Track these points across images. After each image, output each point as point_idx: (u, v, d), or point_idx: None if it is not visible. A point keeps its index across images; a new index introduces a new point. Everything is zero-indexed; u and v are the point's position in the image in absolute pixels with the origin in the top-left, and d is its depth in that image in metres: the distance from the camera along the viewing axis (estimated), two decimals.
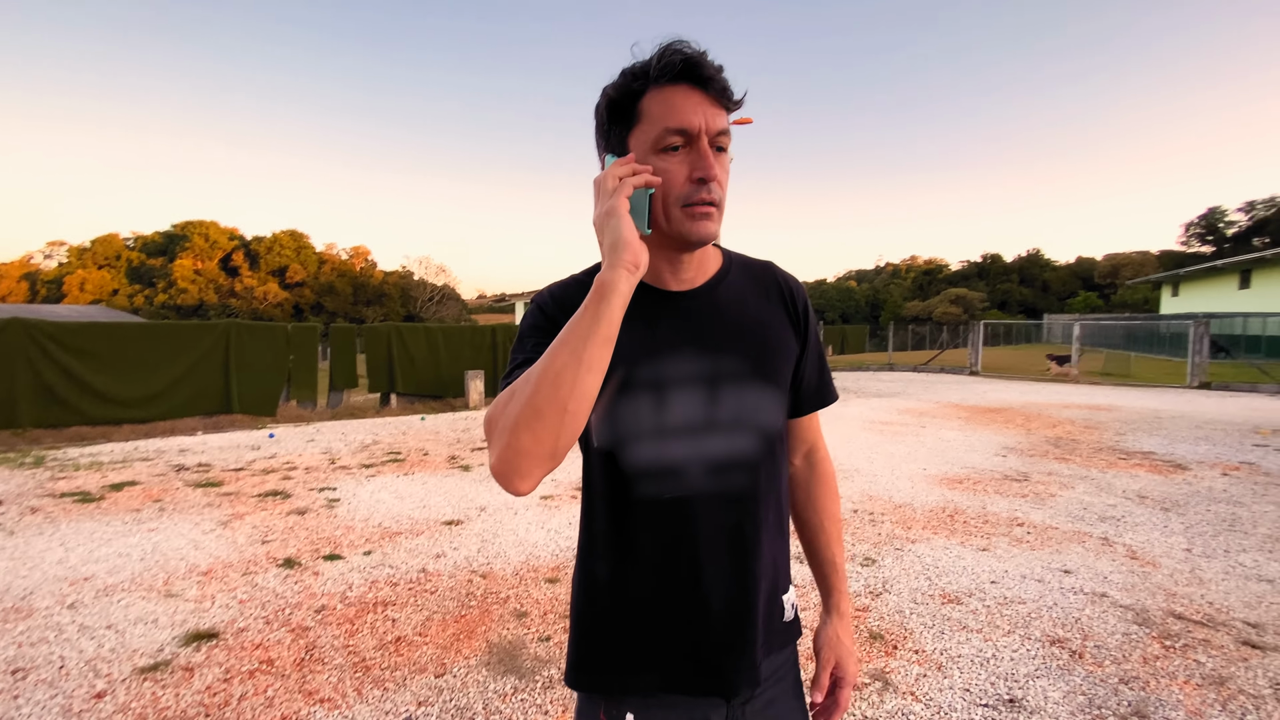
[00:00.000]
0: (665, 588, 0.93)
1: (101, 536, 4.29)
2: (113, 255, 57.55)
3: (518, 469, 0.75)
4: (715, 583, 0.93)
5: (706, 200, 0.84)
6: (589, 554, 0.99)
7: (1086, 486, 5.69)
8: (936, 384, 16.16)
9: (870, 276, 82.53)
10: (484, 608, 3.27)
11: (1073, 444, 7.79)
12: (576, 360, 0.75)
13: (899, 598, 3.38)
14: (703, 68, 0.82)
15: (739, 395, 0.93)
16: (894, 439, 8.18)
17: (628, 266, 0.79)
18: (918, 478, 6.05)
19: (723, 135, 0.86)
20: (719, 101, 0.84)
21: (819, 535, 1.11)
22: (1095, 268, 64.25)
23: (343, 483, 5.88)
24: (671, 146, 0.84)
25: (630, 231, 0.80)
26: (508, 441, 0.75)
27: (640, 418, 0.90)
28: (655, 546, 0.93)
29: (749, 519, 0.94)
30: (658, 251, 0.92)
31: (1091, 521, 4.67)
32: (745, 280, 1.00)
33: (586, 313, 0.77)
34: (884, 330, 28.72)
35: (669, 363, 0.92)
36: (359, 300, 57.42)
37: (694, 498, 0.91)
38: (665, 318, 0.93)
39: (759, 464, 0.95)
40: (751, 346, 0.95)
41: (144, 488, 5.66)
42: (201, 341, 10.10)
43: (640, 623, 0.94)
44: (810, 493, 1.12)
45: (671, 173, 0.84)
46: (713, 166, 0.84)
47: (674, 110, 0.83)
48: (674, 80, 0.83)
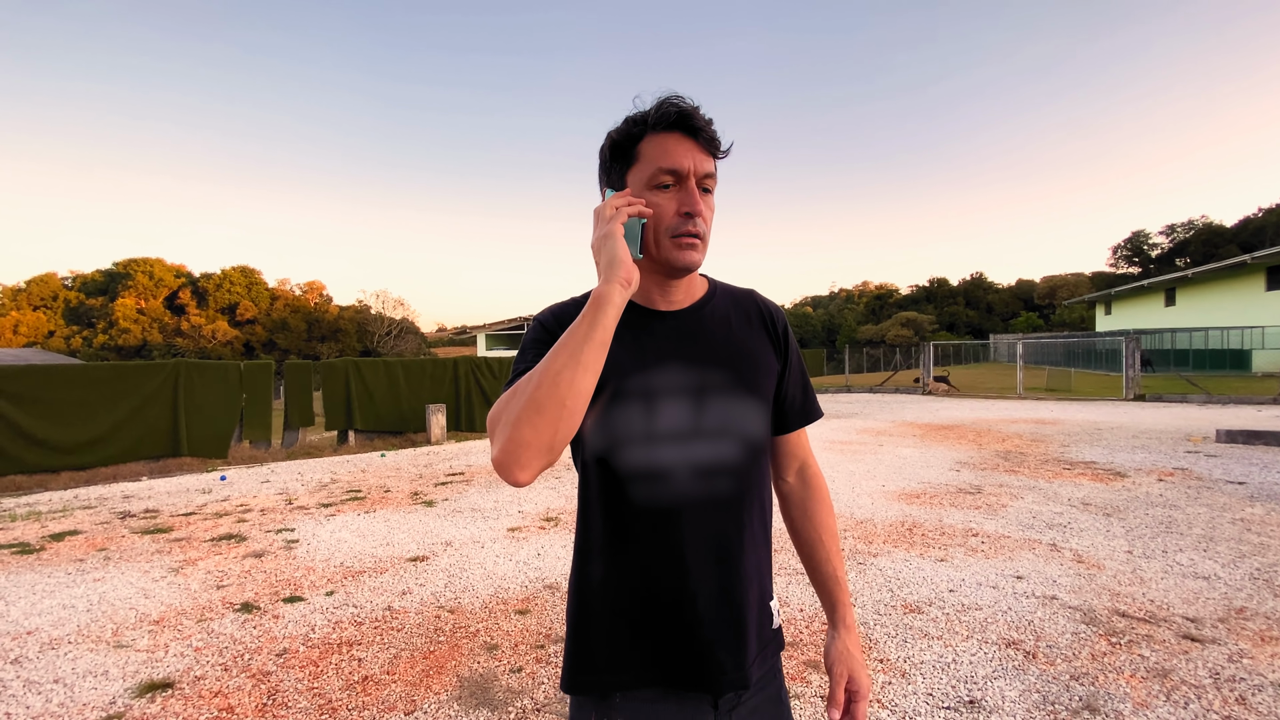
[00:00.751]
0: (656, 587, 0.98)
1: (44, 588, 4.07)
2: (49, 295, 54.94)
3: (518, 459, 0.82)
4: (702, 583, 0.99)
5: (692, 232, 0.96)
6: (584, 558, 1.04)
7: (1035, 496, 5.95)
8: (892, 404, 16.64)
9: (825, 302, 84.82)
10: (453, 642, 3.22)
11: (1021, 457, 8.14)
12: (575, 361, 0.84)
13: (862, 610, 3.47)
14: (694, 119, 0.95)
15: (723, 405, 1.01)
16: (854, 458, 8.40)
17: (621, 282, 0.90)
18: (877, 494, 6.22)
19: (709, 178, 0.98)
20: (707, 149, 0.97)
21: (818, 549, 1.14)
22: (1034, 289, 67.56)
23: (301, 523, 5.71)
24: (663, 184, 0.96)
25: (624, 252, 0.92)
26: (510, 434, 0.83)
27: (632, 424, 0.98)
28: (646, 548, 0.99)
29: (734, 523, 1.01)
30: (649, 277, 1.03)
31: (1040, 529, 4.89)
32: (729, 304, 1.10)
33: (584, 320, 0.87)
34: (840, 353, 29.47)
35: (658, 374, 1.00)
36: (313, 336, 55.93)
37: (682, 501, 0.98)
38: (655, 334, 1.03)
39: (743, 470, 1.02)
40: (734, 361, 1.04)
41: (87, 536, 5.39)
42: (148, 383, 9.72)
43: (632, 622, 0.99)
44: (806, 508, 1.17)
45: (662, 207, 0.97)
46: (698, 203, 0.96)
47: (667, 153, 0.96)
48: (669, 128, 0.96)
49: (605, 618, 1.01)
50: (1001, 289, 71.60)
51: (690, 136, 0.96)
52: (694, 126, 0.96)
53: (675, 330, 1.04)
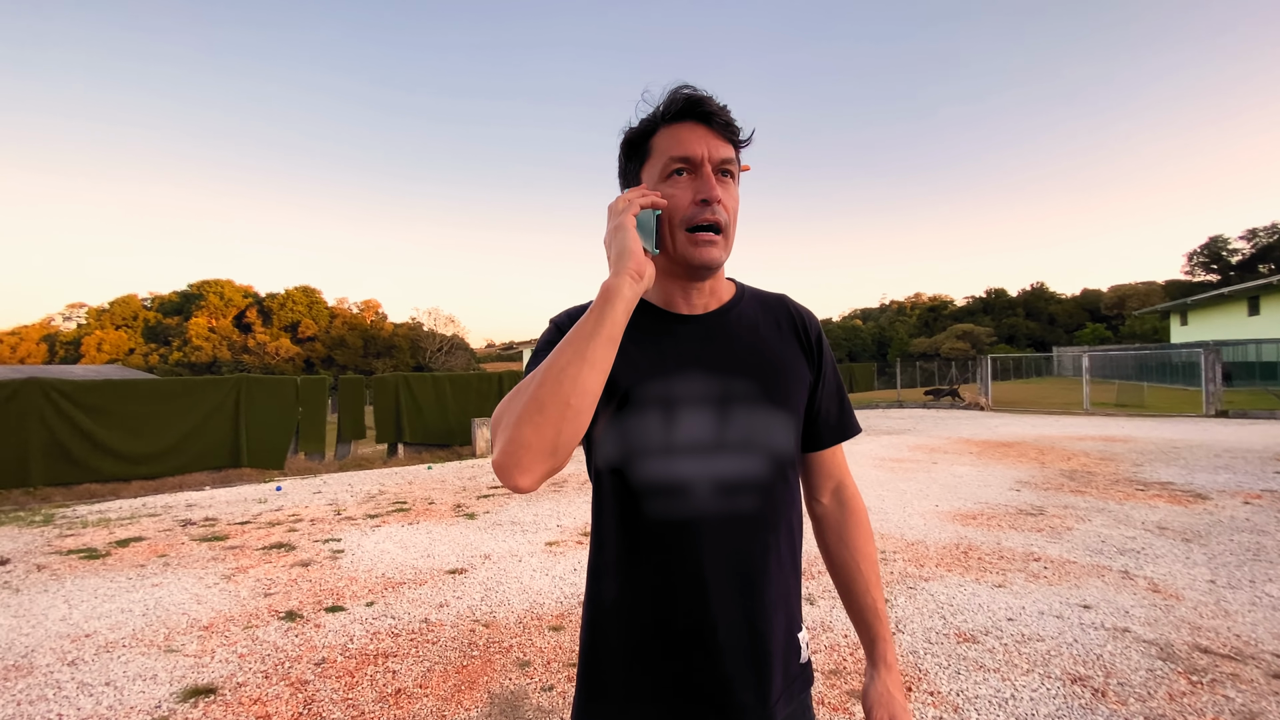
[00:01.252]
0: (672, 612, 0.91)
1: (105, 593, 4.26)
2: (130, 315, 58.81)
3: (519, 462, 0.77)
4: (723, 609, 0.91)
5: (709, 221, 0.90)
6: (597, 578, 0.97)
7: (1104, 519, 5.56)
8: (947, 419, 15.99)
9: (875, 315, 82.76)
10: (486, 658, 3.20)
11: (1088, 476, 7.65)
12: (580, 357, 0.79)
13: (912, 637, 3.28)
14: (705, 105, 0.90)
15: (749, 417, 0.94)
16: (905, 476, 8.06)
17: (631, 274, 0.85)
18: (930, 514, 5.94)
19: (728, 163, 0.92)
20: (722, 135, 0.92)
21: (856, 578, 1.05)
22: (1101, 299, 64.24)
23: (347, 534, 5.84)
24: (677, 171, 0.91)
25: (635, 243, 0.87)
26: (511, 435, 0.78)
27: (649, 434, 0.91)
28: (662, 568, 0.91)
29: (758, 545, 0.93)
30: (669, 278, 0.98)
31: (1110, 554, 4.55)
32: (757, 309, 1.03)
33: (591, 314, 0.82)
34: (892, 367, 28.59)
35: (678, 381, 0.93)
36: (369, 353, 58.05)
37: (701, 518, 0.91)
38: (676, 339, 0.97)
39: (769, 487, 0.94)
40: (762, 370, 0.96)
41: (150, 543, 5.64)
42: (212, 396, 10.21)
43: (648, 649, 0.92)
44: (842, 533, 1.07)
45: (677, 196, 0.91)
46: (714, 188, 0.89)
47: (679, 142, 0.91)
48: (680, 118, 0.91)
49: (619, 643, 0.94)
50: (1065, 299, 68.41)
51: (703, 123, 0.91)
52: (706, 112, 0.91)
53: (698, 335, 0.97)
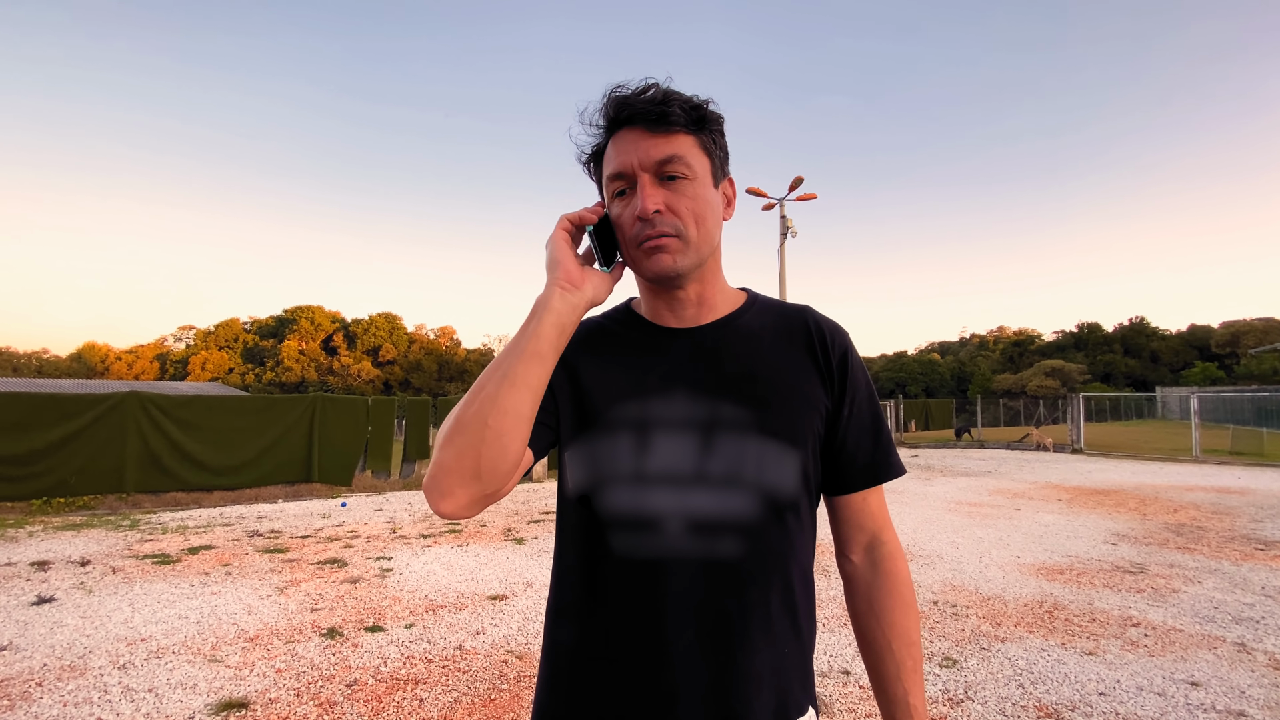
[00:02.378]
0: (631, 669, 0.77)
1: (168, 598, 4.44)
2: (232, 338, 63.80)
3: (438, 485, 0.72)
4: (687, 676, 0.75)
5: (651, 235, 0.79)
6: (555, 619, 0.86)
7: (1217, 581, 4.89)
8: (1033, 462, 14.85)
9: (955, 348, 79.08)
10: (515, 692, 3.07)
11: (1198, 532, 6.82)
12: (500, 374, 0.73)
13: (984, 707, 2.91)
14: (629, 105, 0.80)
15: (737, 446, 0.80)
16: (983, 522, 7.45)
17: (560, 284, 0.78)
18: (1010, 566, 5.41)
19: (669, 163, 0.79)
20: (658, 130, 0.79)
21: (885, 661, 0.85)
22: (1212, 336, 58.93)
23: (399, 552, 5.90)
24: (617, 192, 0.82)
25: (563, 252, 0.80)
26: (435, 457, 0.74)
27: (618, 460, 0.80)
28: (624, 615, 0.78)
29: (737, 600, 0.77)
30: (649, 293, 0.89)
31: (1224, 623, 3.96)
32: (766, 322, 0.89)
33: (519, 332, 0.76)
34: (972, 404, 26.96)
35: (656, 403, 0.82)
36: (443, 376, 60.40)
37: (671, 560, 0.77)
38: (660, 354, 0.85)
39: (758, 531, 0.79)
40: (760, 393, 0.82)
41: (218, 552, 5.89)
42: (289, 413, 10.75)
43: (601, 710, 0.78)
44: (874, 601, 0.87)
45: (621, 216, 0.82)
46: (645, 200, 0.78)
47: (610, 158, 0.83)
48: (614, 128, 0.83)
49: (569, 697, 0.81)
50: (1169, 335, 63.17)
51: (632, 124, 0.80)
52: (631, 113, 0.80)
53: (687, 351, 0.85)
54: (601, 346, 0.88)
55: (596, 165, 0.87)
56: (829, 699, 3.00)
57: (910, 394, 54.65)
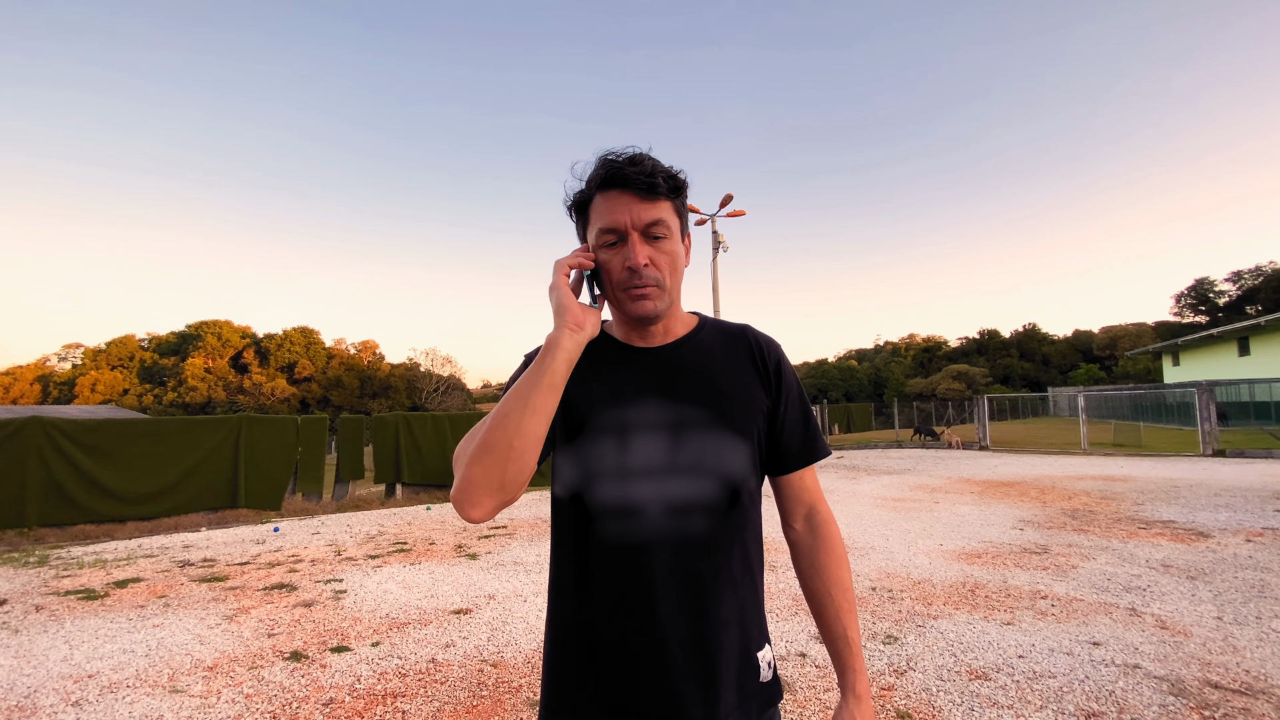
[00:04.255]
0: (625, 629, 0.96)
1: (106, 633, 4.20)
2: (127, 356, 58.67)
3: (469, 497, 0.87)
4: (672, 627, 0.95)
5: (639, 285, 0.98)
6: (557, 595, 1.04)
7: (1108, 557, 5.57)
8: (946, 459, 15.99)
9: (871, 355, 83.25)
10: (496, 697, 3.16)
11: (1090, 515, 7.66)
12: (522, 404, 0.88)
13: (924, 675, 3.27)
14: (624, 173, 0.96)
15: (700, 441, 0.99)
16: (908, 515, 8.05)
17: (570, 327, 0.94)
18: (935, 553, 5.93)
19: (655, 225, 0.98)
20: (647, 197, 0.97)
21: (827, 606, 1.06)
22: (1093, 340, 64.96)
23: (349, 574, 5.78)
24: (608, 243, 0.99)
25: (569, 299, 0.97)
26: (463, 473, 0.88)
27: (604, 459, 0.98)
28: (615, 588, 0.97)
29: (707, 564, 0.97)
30: (625, 324, 1.06)
31: (1117, 592, 4.55)
32: (716, 339, 1.08)
33: (535, 366, 0.92)
34: (889, 408, 28.63)
35: (633, 409, 1.00)
36: (365, 393, 57.82)
37: (653, 539, 0.96)
38: (631, 369, 1.03)
39: (719, 509, 0.99)
40: (715, 397, 1.01)
41: (148, 584, 5.57)
42: (212, 436, 10.16)
43: (603, 664, 0.97)
44: (815, 559, 1.08)
45: (610, 263, 0.99)
46: (636, 257, 0.96)
47: (605, 213, 0.98)
48: (605, 187, 0.99)
49: (576, 659, 0.99)
50: (1057, 340, 69.07)
51: (625, 189, 0.97)
52: (625, 179, 0.96)
53: (654, 365, 1.04)
54: (584, 365, 1.03)
55: (581, 213, 1.04)
56: (789, 679, 3.27)
57: (832, 399, 57.13)
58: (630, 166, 0.96)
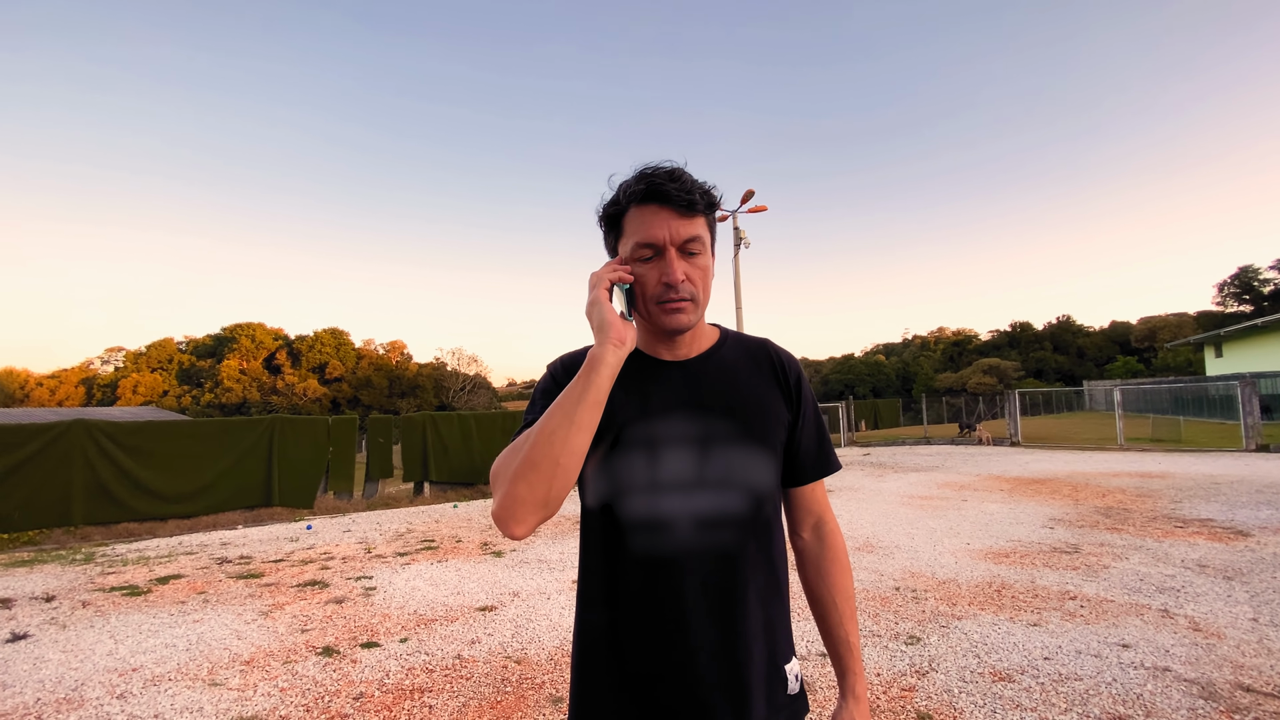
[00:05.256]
0: (654, 641, 0.97)
1: (149, 628, 4.39)
2: (166, 359, 60.57)
3: (514, 514, 0.88)
4: (702, 639, 0.96)
5: (675, 299, 0.99)
6: (586, 606, 1.04)
7: (1142, 557, 5.44)
8: (976, 456, 15.71)
9: (899, 350, 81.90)
10: (520, 693, 3.23)
11: (1124, 513, 7.47)
12: (568, 421, 0.89)
13: (947, 676, 3.25)
14: (664, 189, 0.97)
15: (727, 455, 1.00)
16: (934, 513, 7.95)
17: (614, 343, 0.95)
18: (961, 552, 5.86)
19: (692, 242, 1.00)
20: (685, 213, 0.99)
21: (831, 612, 1.10)
22: (1131, 331, 63.03)
23: (379, 571, 5.93)
24: (644, 257, 1.00)
25: (612, 314, 0.97)
26: (507, 490, 0.88)
27: (634, 473, 0.99)
28: (646, 600, 0.97)
29: (736, 576, 0.98)
30: (650, 334, 1.07)
31: (1149, 593, 4.45)
32: (739, 354, 1.10)
33: (579, 381, 0.92)
34: (918, 403, 28.19)
35: (661, 423, 1.01)
36: (394, 393, 58.85)
37: (682, 552, 0.97)
38: (659, 383, 1.04)
39: (748, 522, 1.00)
40: (741, 411, 1.03)
41: (189, 580, 5.79)
42: (246, 437, 10.48)
43: (632, 676, 0.97)
44: (820, 567, 1.12)
45: (646, 277, 1.00)
46: (675, 272, 0.98)
47: (643, 227, 0.99)
48: (644, 200, 0.99)
49: (606, 670, 0.99)
50: (1093, 332, 67.25)
51: (665, 204, 0.98)
52: (666, 195, 0.97)
53: (681, 379, 1.05)
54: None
55: (613, 225, 1.04)
56: (811, 679, 3.28)
57: (859, 394, 56.48)
58: (671, 182, 0.97)
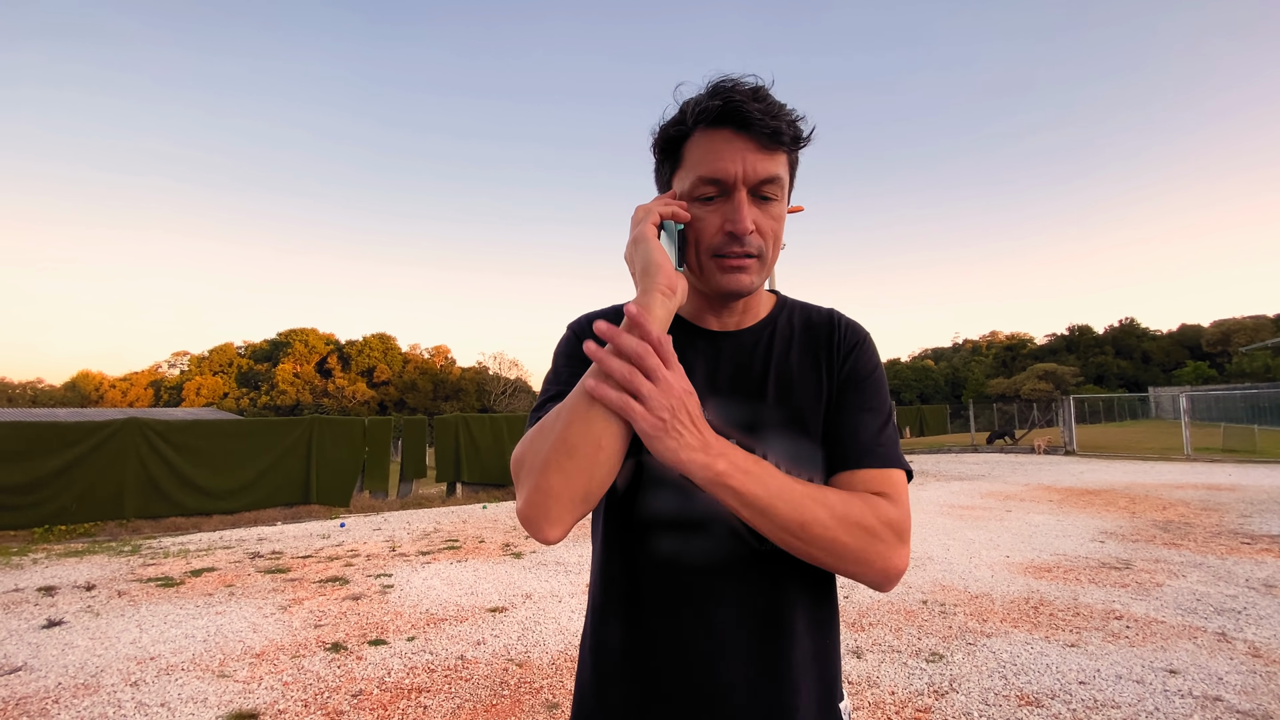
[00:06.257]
0: (682, 666, 0.79)
1: (174, 619, 4.51)
2: (226, 362, 63.65)
3: (547, 513, 0.68)
4: (737, 669, 0.78)
5: (738, 254, 0.78)
6: (600, 620, 0.86)
7: (1201, 575, 5.02)
8: (1026, 465, 14.99)
9: (948, 354, 79.43)
10: (516, 698, 3.17)
11: (1185, 528, 6.95)
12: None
13: (968, 698, 3.03)
14: (744, 110, 0.75)
15: (776, 445, 0.81)
16: (974, 524, 7.57)
17: (662, 289, 0.74)
18: (999, 566, 5.53)
19: (768, 184, 0.78)
20: (766, 145, 0.76)
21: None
22: (1202, 335, 59.48)
23: (399, 569, 5.98)
24: (706, 196, 0.78)
25: (661, 254, 0.76)
26: (536, 483, 0.68)
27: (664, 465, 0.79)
28: (672, 614, 0.80)
29: (783, 595, 0.80)
30: (697, 294, 0.87)
31: (1206, 614, 4.09)
32: (798, 326, 0.89)
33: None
34: (966, 410, 27.13)
35: (705, 407, 0.78)
36: (438, 396, 60.25)
37: (717, 560, 0.79)
38: (703, 358, 0.85)
39: None
40: (791, 394, 0.83)
41: (220, 574, 5.96)
42: (286, 436, 10.81)
43: (653, 707, 0.80)
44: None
45: (705, 222, 0.79)
46: (745, 220, 0.76)
47: (709, 157, 0.77)
48: (715, 123, 0.77)
49: (620, 696, 0.82)
50: (1159, 335, 63.80)
51: (742, 131, 0.76)
52: (745, 119, 0.75)
53: (727, 355, 0.86)
54: None
55: (671, 152, 0.82)
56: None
57: (905, 401, 54.86)
58: (755, 102, 0.75)
